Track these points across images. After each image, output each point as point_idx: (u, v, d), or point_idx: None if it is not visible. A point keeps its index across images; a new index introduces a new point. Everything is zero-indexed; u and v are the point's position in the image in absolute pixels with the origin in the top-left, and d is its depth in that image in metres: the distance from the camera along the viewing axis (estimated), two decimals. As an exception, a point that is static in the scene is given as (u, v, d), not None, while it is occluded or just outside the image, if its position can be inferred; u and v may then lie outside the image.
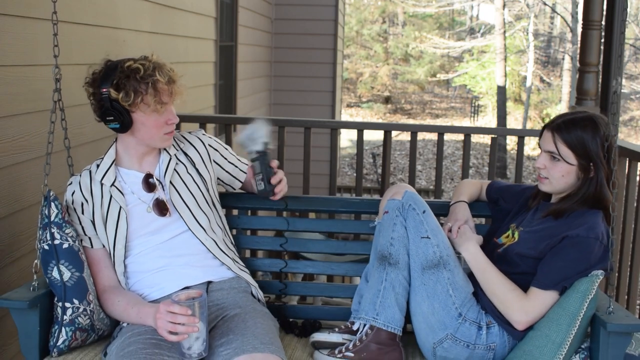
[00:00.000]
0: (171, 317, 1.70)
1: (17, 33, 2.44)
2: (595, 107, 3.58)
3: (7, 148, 2.37)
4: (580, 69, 3.62)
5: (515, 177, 3.78)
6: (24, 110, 2.48)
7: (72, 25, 2.87)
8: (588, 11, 3.52)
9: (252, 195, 2.35)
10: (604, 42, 3.57)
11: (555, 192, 2.03)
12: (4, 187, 2.36)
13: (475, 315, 1.97)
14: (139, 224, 2.02)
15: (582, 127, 1.94)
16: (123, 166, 2.07)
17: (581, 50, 3.61)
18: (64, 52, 2.05)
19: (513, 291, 1.94)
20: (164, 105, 1.96)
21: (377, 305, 2.00)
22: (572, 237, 1.89)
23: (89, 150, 2.86)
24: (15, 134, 2.42)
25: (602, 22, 3.54)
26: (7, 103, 2.38)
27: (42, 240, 1.93)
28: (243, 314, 1.93)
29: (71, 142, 2.18)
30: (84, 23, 3.03)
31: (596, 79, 3.58)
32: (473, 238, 2.07)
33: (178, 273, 2.00)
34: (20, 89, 2.46)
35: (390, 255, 2.02)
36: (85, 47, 2.97)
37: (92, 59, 2.05)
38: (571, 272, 1.87)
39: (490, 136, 3.93)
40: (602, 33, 3.56)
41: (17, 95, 2.44)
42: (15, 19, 2.43)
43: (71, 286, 1.91)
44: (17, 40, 2.44)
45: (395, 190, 2.14)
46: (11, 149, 2.39)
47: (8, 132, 2.38)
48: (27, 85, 2.51)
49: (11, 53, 2.41)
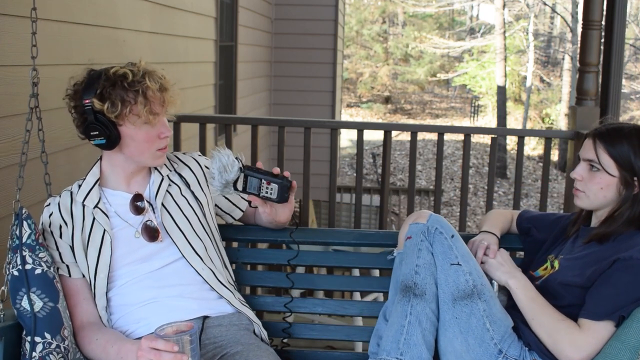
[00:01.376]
0: (154, 355, 1.44)
1: (17, 33, 2.44)
2: (595, 107, 3.58)
3: (7, 148, 2.37)
4: (580, 69, 3.62)
5: (515, 177, 3.77)
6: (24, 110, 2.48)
7: (72, 25, 2.88)
8: (588, 11, 3.52)
9: (253, 227, 2.11)
10: (604, 42, 3.57)
11: (592, 207, 1.81)
12: (4, 187, 2.36)
13: (518, 352, 1.72)
14: (125, 250, 1.76)
15: (628, 137, 1.73)
16: (108, 187, 1.82)
17: (581, 50, 3.61)
18: (64, 52, 2.04)
19: (563, 322, 1.67)
20: (155, 116, 1.72)
21: (401, 344, 1.70)
22: (625, 260, 1.64)
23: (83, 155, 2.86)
24: (16, 134, 2.42)
25: (602, 22, 3.54)
26: (7, 103, 2.38)
27: (12, 265, 1.65)
28: (246, 352, 1.68)
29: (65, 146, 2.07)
30: (84, 23, 3.03)
31: (596, 79, 3.58)
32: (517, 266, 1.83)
33: (169, 306, 1.74)
34: (20, 89, 2.46)
35: (415, 285, 1.75)
36: (85, 47, 2.97)
37: (91, 59, 2.04)
38: (627, 299, 1.62)
39: (490, 136, 3.92)
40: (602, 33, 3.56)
41: (17, 95, 2.44)
42: (15, 19, 2.43)
43: (43, 318, 1.62)
44: (17, 40, 2.44)
45: (418, 215, 1.89)
46: (11, 149, 2.39)
47: (8, 132, 2.38)
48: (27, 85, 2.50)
49: (11, 53, 2.41)
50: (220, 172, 1.72)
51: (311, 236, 2.13)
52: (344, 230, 2.17)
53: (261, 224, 2.07)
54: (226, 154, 1.73)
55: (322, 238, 2.21)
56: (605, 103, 3.53)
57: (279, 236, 2.07)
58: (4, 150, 2.35)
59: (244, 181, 1.75)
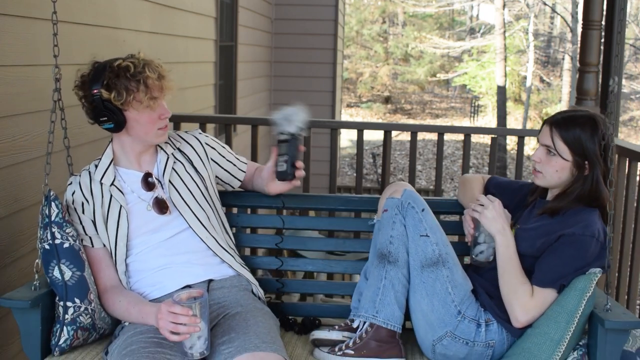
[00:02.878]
0: (173, 318, 1.70)
1: (17, 33, 2.44)
2: (595, 107, 3.58)
3: (7, 148, 2.37)
4: (580, 69, 3.62)
5: (515, 177, 3.78)
6: (24, 110, 2.48)
7: (72, 25, 2.88)
8: (588, 11, 3.52)
9: (251, 193, 2.37)
10: (604, 42, 3.57)
11: (548, 186, 2.04)
12: (4, 187, 2.36)
13: (475, 312, 1.98)
14: (139, 223, 2.02)
15: (581, 125, 1.94)
16: (121, 166, 2.07)
17: (581, 50, 3.61)
18: (64, 52, 2.05)
19: (523, 285, 1.93)
20: (155, 100, 1.97)
21: (377, 303, 2.01)
22: (569, 236, 1.90)
23: (88, 150, 2.86)
24: (16, 134, 2.42)
25: (602, 22, 3.54)
26: (7, 103, 2.38)
27: (43, 240, 1.93)
28: (244, 312, 1.93)
29: (71, 141, 2.18)
30: (84, 23, 3.03)
31: (596, 79, 3.58)
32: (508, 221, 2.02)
33: (179, 271, 2.01)
34: (20, 89, 2.47)
35: (389, 254, 2.03)
36: (85, 47, 2.97)
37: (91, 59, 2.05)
38: (569, 270, 1.89)
39: (490, 136, 3.93)
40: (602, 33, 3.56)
41: (17, 95, 2.45)
42: (15, 19, 2.44)
43: (72, 285, 1.91)
44: (17, 40, 2.44)
45: (394, 189, 2.13)
46: (11, 149, 2.40)
47: (8, 132, 2.38)
48: (27, 85, 2.51)
49: (11, 53, 2.42)
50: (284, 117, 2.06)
51: (303, 202, 2.48)
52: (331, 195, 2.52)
53: (258, 190, 2.33)
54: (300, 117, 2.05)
55: (312, 204, 2.52)
56: (605, 103, 3.53)
57: (274, 203, 2.34)
58: (3, 150, 2.35)
59: (283, 140, 2.08)
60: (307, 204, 2.53)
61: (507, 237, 1.97)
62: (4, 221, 2.35)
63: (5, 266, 2.36)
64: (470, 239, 2.06)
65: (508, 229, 1.99)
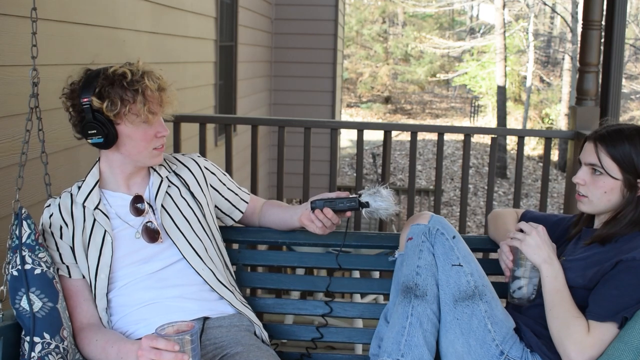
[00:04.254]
0: (155, 354, 1.43)
1: (17, 33, 2.44)
2: (595, 107, 3.58)
3: (6, 148, 2.37)
4: (580, 69, 3.62)
5: (515, 177, 3.77)
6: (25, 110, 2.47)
7: (72, 25, 2.88)
8: (588, 11, 3.52)
9: (252, 228, 2.13)
10: (604, 42, 3.56)
11: (596, 212, 1.79)
12: (5, 187, 2.36)
13: (520, 353, 1.71)
14: (126, 251, 1.77)
15: (629, 138, 1.71)
16: (108, 188, 1.82)
17: (581, 50, 3.61)
18: (64, 52, 2.04)
19: (577, 319, 1.64)
20: (154, 115, 1.73)
21: (402, 345, 1.70)
22: (628, 261, 1.62)
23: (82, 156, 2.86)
24: (15, 134, 2.42)
25: (602, 22, 3.54)
26: (6, 103, 2.38)
27: (11, 265, 1.65)
28: (246, 352, 1.68)
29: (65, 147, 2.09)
30: (84, 23, 3.03)
31: (596, 79, 3.58)
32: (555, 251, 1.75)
33: (169, 306, 1.74)
34: (19, 89, 2.46)
35: (416, 286, 1.75)
36: (85, 47, 2.97)
37: (92, 59, 2.04)
38: (629, 300, 1.60)
39: (490, 136, 3.92)
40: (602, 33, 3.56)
41: (17, 96, 2.44)
42: (15, 19, 2.43)
43: (42, 318, 1.62)
44: (17, 40, 2.44)
45: (419, 216, 1.88)
46: (11, 149, 2.39)
47: (7, 132, 2.38)
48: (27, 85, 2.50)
49: (11, 53, 2.41)
50: (384, 198, 1.85)
51: (311, 238, 2.10)
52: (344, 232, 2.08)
53: (267, 223, 2.08)
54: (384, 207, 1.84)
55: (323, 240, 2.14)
56: (605, 103, 3.52)
57: (279, 238, 2.09)
58: (3, 150, 2.35)
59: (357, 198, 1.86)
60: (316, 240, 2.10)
61: (554, 266, 1.70)
62: (4, 221, 2.35)
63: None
64: (508, 273, 1.79)
65: (555, 258, 1.72)
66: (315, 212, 1.87)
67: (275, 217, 2.05)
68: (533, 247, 1.71)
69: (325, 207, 1.86)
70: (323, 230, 1.89)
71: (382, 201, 1.84)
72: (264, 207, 2.09)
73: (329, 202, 1.87)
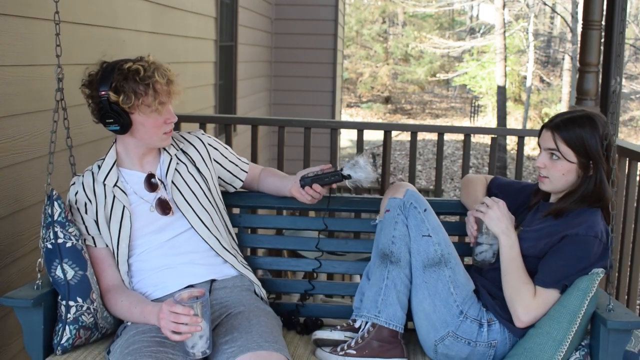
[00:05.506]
0: (174, 317, 1.70)
1: (17, 33, 2.44)
2: (595, 107, 3.58)
3: (7, 148, 2.37)
4: (580, 69, 3.62)
5: (515, 177, 3.78)
6: (24, 110, 2.48)
7: (72, 25, 2.88)
8: (588, 11, 3.52)
9: (252, 194, 2.39)
10: (604, 42, 3.57)
11: (555, 191, 2.03)
12: (4, 187, 2.36)
13: (477, 312, 1.99)
14: (142, 223, 2.03)
15: (580, 125, 1.95)
16: (124, 167, 2.08)
17: (581, 50, 3.61)
18: (64, 52, 2.05)
19: (525, 285, 1.93)
20: (163, 105, 1.97)
21: (379, 303, 2.01)
22: (572, 236, 1.90)
23: (88, 150, 2.86)
24: (15, 134, 2.42)
25: (602, 22, 3.54)
26: (7, 103, 2.38)
27: (46, 239, 1.93)
28: (247, 312, 1.94)
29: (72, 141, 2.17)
30: (84, 23, 3.03)
31: (596, 79, 3.58)
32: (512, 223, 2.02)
33: (181, 271, 2.02)
34: (20, 89, 2.46)
35: (391, 254, 2.03)
36: (85, 47, 2.97)
37: (92, 59, 2.05)
38: (572, 270, 1.89)
39: (490, 136, 3.93)
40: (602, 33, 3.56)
41: (17, 95, 2.45)
42: (15, 19, 2.43)
43: (75, 285, 1.92)
44: (17, 40, 2.44)
45: (396, 189, 2.14)
46: (11, 149, 2.39)
47: (8, 132, 2.38)
48: (27, 85, 2.51)
49: (11, 53, 2.41)
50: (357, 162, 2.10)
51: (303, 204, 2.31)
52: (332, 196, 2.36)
53: (265, 190, 2.35)
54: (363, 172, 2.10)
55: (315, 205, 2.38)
56: (605, 103, 3.53)
57: (276, 203, 2.36)
58: (3, 150, 2.35)
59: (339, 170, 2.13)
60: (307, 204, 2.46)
61: (511, 237, 1.97)
62: (4, 221, 2.35)
63: (6, 266, 2.35)
64: (472, 239, 2.06)
65: (512, 230, 1.99)
66: (305, 188, 2.15)
67: (271, 185, 2.33)
68: (494, 219, 1.98)
69: (313, 184, 2.14)
70: (312, 201, 2.18)
71: (361, 171, 2.09)
72: (261, 175, 2.36)
73: (316, 178, 2.14)
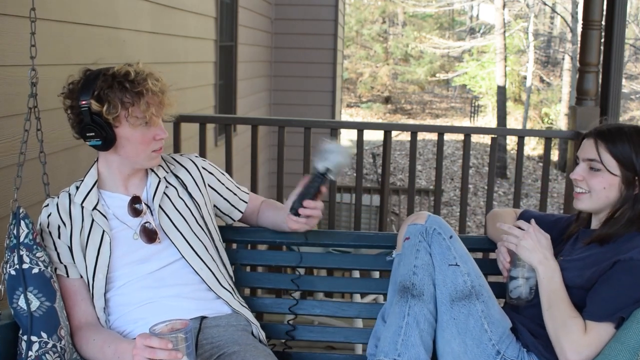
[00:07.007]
0: (149, 353, 1.43)
1: (17, 33, 2.44)
2: (595, 107, 3.58)
3: (6, 148, 2.37)
4: (580, 69, 3.62)
5: (515, 177, 3.77)
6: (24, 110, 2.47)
7: (72, 25, 2.88)
8: (588, 11, 3.52)
9: (252, 229, 2.13)
10: (604, 42, 3.57)
11: (594, 209, 1.77)
12: (3, 187, 2.36)
13: (516, 353, 1.71)
14: (123, 251, 1.77)
15: (628, 136, 1.72)
16: (106, 189, 1.82)
17: (581, 50, 3.61)
18: (64, 52, 2.04)
19: (573, 319, 1.63)
20: (153, 117, 1.72)
21: (399, 345, 1.69)
22: (626, 261, 1.62)
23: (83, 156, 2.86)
24: (15, 134, 2.42)
25: (602, 22, 3.54)
26: (6, 103, 2.38)
27: (9, 264, 1.65)
28: (242, 352, 1.68)
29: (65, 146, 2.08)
30: (84, 23, 3.03)
31: (596, 79, 3.58)
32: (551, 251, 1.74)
33: (166, 306, 1.74)
34: (19, 89, 2.46)
35: (413, 286, 1.74)
36: (85, 47, 2.97)
37: (91, 59, 2.04)
38: (627, 300, 1.60)
39: (490, 136, 3.92)
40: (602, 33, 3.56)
41: (17, 96, 2.44)
42: (15, 19, 2.43)
43: (39, 317, 1.62)
44: (17, 40, 2.44)
45: (417, 216, 1.87)
46: (10, 149, 2.39)
47: (7, 132, 2.38)
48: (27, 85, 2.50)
49: (11, 53, 2.41)
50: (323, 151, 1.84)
51: (311, 238, 2.10)
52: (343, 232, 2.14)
53: (264, 225, 2.09)
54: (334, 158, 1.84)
55: (322, 240, 2.18)
56: (605, 103, 3.53)
57: (277, 238, 2.08)
58: (3, 151, 2.35)
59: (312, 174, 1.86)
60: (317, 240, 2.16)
61: (550, 267, 1.70)
62: (3, 221, 2.35)
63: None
64: (505, 273, 1.80)
65: (551, 258, 1.72)
66: (299, 211, 1.87)
67: (269, 219, 2.07)
68: (528, 249, 1.71)
69: (303, 201, 1.87)
70: (311, 222, 1.91)
71: (334, 157, 1.84)
72: (261, 207, 2.10)
73: (301, 195, 1.87)
